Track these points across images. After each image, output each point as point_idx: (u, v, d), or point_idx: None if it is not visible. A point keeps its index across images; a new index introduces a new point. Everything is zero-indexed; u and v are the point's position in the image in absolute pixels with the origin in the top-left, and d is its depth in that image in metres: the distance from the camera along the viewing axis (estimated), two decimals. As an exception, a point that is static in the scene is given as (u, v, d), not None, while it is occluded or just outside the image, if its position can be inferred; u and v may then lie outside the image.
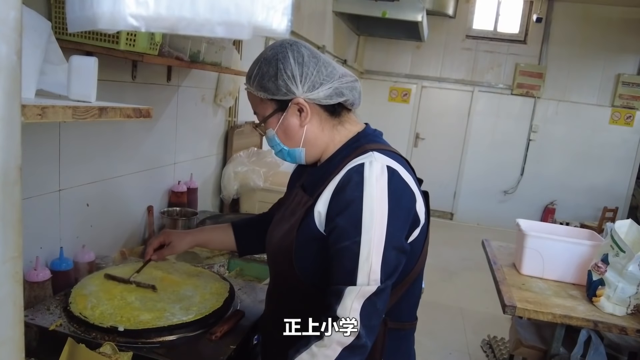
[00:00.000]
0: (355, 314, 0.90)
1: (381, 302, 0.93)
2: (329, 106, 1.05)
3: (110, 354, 1.03)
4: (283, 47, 1.02)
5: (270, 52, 1.03)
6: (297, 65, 1.01)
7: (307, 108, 1.03)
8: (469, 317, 3.71)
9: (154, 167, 1.92)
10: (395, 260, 0.94)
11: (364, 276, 0.90)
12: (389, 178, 0.94)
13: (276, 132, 1.06)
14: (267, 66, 1.01)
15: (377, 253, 0.91)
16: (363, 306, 0.90)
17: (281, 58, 1.01)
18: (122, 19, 0.72)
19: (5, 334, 0.54)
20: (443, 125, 6.41)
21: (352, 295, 0.90)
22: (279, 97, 1.02)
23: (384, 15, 4.22)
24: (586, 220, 5.92)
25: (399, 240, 0.95)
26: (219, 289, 1.33)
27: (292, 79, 1.01)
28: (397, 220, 0.93)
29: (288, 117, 1.04)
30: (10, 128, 0.52)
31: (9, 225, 0.53)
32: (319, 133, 1.07)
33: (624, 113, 6.09)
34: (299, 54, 1.02)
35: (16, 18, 0.51)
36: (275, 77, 1.00)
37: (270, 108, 1.05)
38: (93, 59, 0.93)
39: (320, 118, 1.06)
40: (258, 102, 1.07)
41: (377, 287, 0.90)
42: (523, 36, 6.25)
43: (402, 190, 0.97)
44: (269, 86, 1.01)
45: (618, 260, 1.83)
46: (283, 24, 0.88)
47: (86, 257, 1.43)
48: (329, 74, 1.03)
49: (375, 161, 0.96)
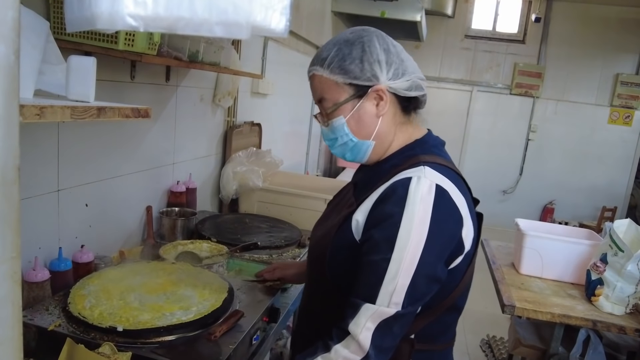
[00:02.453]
0: (368, 334, 0.85)
1: (398, 327, 0.87)
2: (404, 100, 1.00)
3: (109, 354, 1.03)
4: (367, 32, 0.97)
5: (352, 35, 0.97)
6: (382, 51, 0.95)
7: (387, 97, 0.96)
8: (468, 317, 3.71)
9: (153, 167, 1.91)
10: (424, 288, 0.88)
11: (385, 296, 0.85)
12: (435, 199, 0.88)
13: (347, 121, 0.98)
14: (350, 48, 0.95)
15: (405, 276, 0.85)
16: (378, 327, 0.85)
17: (367, 41, 0.95)
18: (120, 18, 0.72)
19: (4, 334, 0.54)
20: (442, 124, 6.39)
21: (368, 313, 0.86)
22: (360, 81, 0.95)
23: (382, 15, 4.22)
24: (585, 219, 5.93)
25: (433, 268, 0.88)
26: (218, 289, 1.33)
27: (378, 64, 0.94)
28: (435, 246, 0.87)
29: (365, 105, 0.97)
30: (8, 128, 0.52)
31: (7, 226, 0.53)
32: (390, 128, 1.00)
33: (622, 113, 6.10)
34: (383, 40, 0.97)
35: (14, 18, 0.51)
36: (360, 59, 0.94)
37: (346, 93, 0.97)
38: (91, 59, 0.93)
39: (395, 112, 1.00)
40: (330, 87, 0.97)
41: (396, 311, 0.85)
42: (522, 36, 6.25)
43: (449, 214, 0.90)
44: (351, 69, 0.94)
45: (617, 259, 1.83)
46: (281, 23, 0.88)
47: (85, 258, 1.43)
48: (408, 66, 0.98)
49: (425, 177, 0.90)
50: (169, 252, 1.66)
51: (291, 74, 3.55)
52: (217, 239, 1.82)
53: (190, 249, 1.71)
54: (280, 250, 1.84)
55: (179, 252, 1.68)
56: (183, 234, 1.89)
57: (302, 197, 2.24)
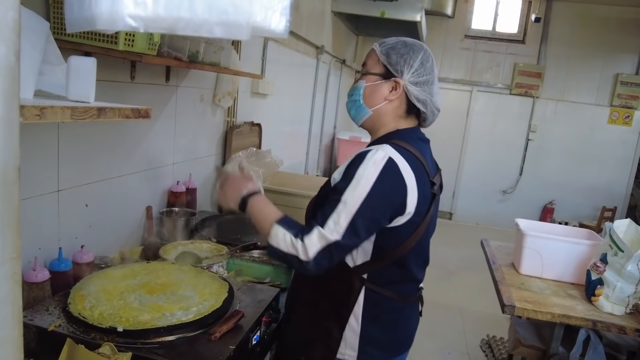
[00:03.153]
0: (314, 249, 1.11)
1: (336, 254, 1.13)
2: (411, 104, 1.27)
3: (110, 354, 1.03)
4: (422, 46, 1.27)
5: (412, 41, 1.28)
6: (419, 62, 1.24)
7: (400, 91, 1.25)
8: (468, 317, 3.72)
9: (153, 167, 1.91)
10: (361, 228, 1.13)
11: (332, 224, 1.11)
12: (384, 165, 1.14)
13: (365, 87, 1.28)
14: (403, 46, 1.25)
15: (348, 213, 1.12)
16: (322, 248, 1.11)
17: (415, 50, 1.25)
18: (120, 19, 0.72)
19: (4, 335, 0.54)
20: (442, 125, 6.34)
21: (320, 234, 1.11)
22: (391, 68, 1.25)
23: (382, 15, 4.23)
24: (585, 219, 5.93)
25: (370, 214, 1.13)
26: (218, 289, 1.33)
27: (409, 66, 1.24)
28: (374, 199, 1.12)
29: (383, 85, 1.27)
30: (8, 128, 0.52)
31: (7, 226, 0.53)
32: (388, 113, 1.28)
33: (622, 113, 6.10)
34: (426, 58, 1.26)
35: (14, 19, 0.51)
36: (401, 55, 1.24)
37: (378, 69, 1.27)
38: (92, 60, 0.93)
39: (399, 105, 1.28)
40: (374, 59, 1.29)
41: (336, 239, 1.11)
42: (522, 36, 6.25)
43: (392, 179, 1.15)
44: (392, 56, 1.25)
45: (617, 259, 1.83)
46: (281, 24, 0.88)
47: (85, 258, 1.43)
48: (431, 88, 1.27)
49: (382, 151, 1.16)
50: (169, 252, 1.66)
51: (291, 74, 3.55)
52: (217, 239, 1.82)
53: (190, 249, 1.71)
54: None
55: (179, 253, 1.68)
56: (183, 234, 1.89)
57: (302, 197, 2.23)
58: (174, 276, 1.38)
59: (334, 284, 1.26)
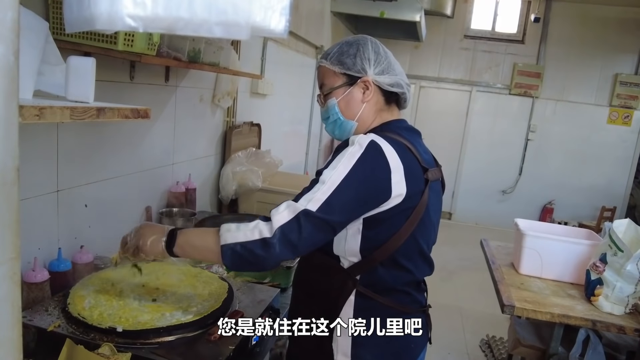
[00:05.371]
0: (280, 218, 1.03)
1: (305, 228, 1.04)
2: (387, 93, 1.24)
3: (109, 354, 1.03)
4: (364, 37, 1.24)
5: (352, 38, 1.25)
6: (373, 52, 1.22)
7: (372, 88, 1.22)
8: (468, 317, 3.72)
9: (152, 167, 1.91)
10: (337, 208, 1.06)
11: (305, 200, 1.05)
12: (367, 147, 1.10)
13: (338, 102, 1.23)
14: (348, 47, 1.22)
15: (325, 191, 1.06)
16: (290, 220, 1.03)
17: (362, 43, 1.22)
18: (119, 19, 0.72)
19: (4, 335, 0.54)
20: (441, 125, 6.41)
21: (289, 205, 1.06)
22: (352, 72, 1.21)
23: (382, 15, 4.23)
24: (584, 219, 5.93)
25: (349, 195, 1.08)
26: (218, 289, 1.33)
27: (367, 61, 1.21)
28: (355, 178, 1.07)
29: (353, 91, 1.22)
30: (7, 129, 0.52)
31: (6, 227, 0.53)
32: (371, 113, 1.25)
33: (621, 113, 6.11)
34: (376, 45, 1.23)
35: (13, 18, 0.51)
36: (354, 55, 1.21)
37: (340, 80, 1.23)
38: (91, 60, 0.93)
39: (377, 100, 1.24)
40: (330, 75, 1.24)
41: (306, 208, 1.03)
42: (521, 36, 6.25)
43: (375, 161, 1.10)
44: (346, 61, 1.21)
45: (616, 259, 1.84)
46: (281, 24, 0.88)
47: (84, 258, 1.43)
48: (394, 69, 1.24)
49: (366, 136, 1.13)
50: (168, 252, 1.66)
51: (291, 74, 3.55)
52: (217, 239, 1.81)
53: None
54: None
55: (178, 253, 1.67)
56: (182, 234, 1.89)
57: (302, 197, 2.23)
58: (174, 276, 1.38)
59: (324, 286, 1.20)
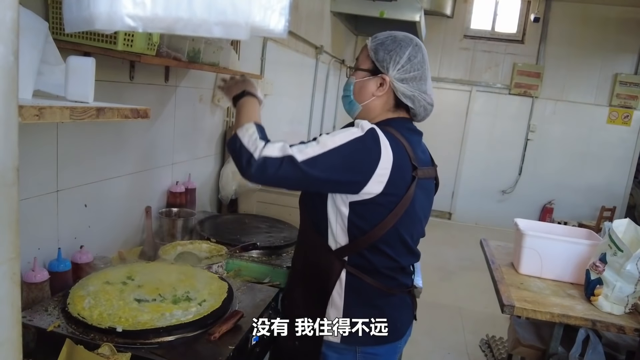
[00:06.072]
0: (268, 152, 1.11)
1: (283, 171, 1.12)
2: (398, 100, 1.29)
3: (109, 354, 1.03)
4: (412, 41, 1.28)
5: (402, 36, 1.29)
6: (407, 58, 1.26)
7: (387, 87, 1.28)
8: (468, 317, 3.72)
9: (152, 167, 1.91)
10: (320, 166, 1.13)
11: (297, 149, 1.13)
12: (367, 131, 1.17)
13: (355, 83, 1.33)
14: (391, 41, 1.27)
15: (317, 150, 1.14)
16: (277, 158, 1.11)
17: (404, 45, 1.27)
18: (119, 19, 0.72)
19: (4, 335, 0.54)
20: (441, 124, 6.40)
21: (283, 146, 1.13)
22: (377, 64, 1.28)
23: (381, 15, 4.22)
24: (584, 219, 5.94)
25: (336, 161, 1.15)
26: (218, 289, 1.33)
27: (394, 63, 1.26)
28: (348, 150, 1.15)
29: (371, 81, 1.30)
30: (7, 129, 0.52)
31: (6, 227, 0.53)
32: (378, 109, 1.32)
33: (621, 112, 6.11)
34: (415, 54, 1.27)
35: (13, 18, 0.51)
36: (389, 52, 1.26)
37: (367, 65, 1.31)
38: (90, 60, 0.93)
39: (387, 100, 1.31)
40: (364, 55, 1.32)
41: (294, 155, 1.11)
42: (521, 36, 6.26)
43: (371, 143, 1.17)
44: (379, 52, 1.27)
45: (616, 259, 1.84)
46: (280, 24, 0.88)
47: (84, 258, 1.43)
48: (420, 86, 1.28)
49: (369, 124, 1.20)
50: (168, 252, 1.66)
51: (290, 74, 3.55)
52: (217, 239, 1.82)
53: (189, 250, 1.71)
54: (280, 250, 1.84)
55: (178, 253, 1.67)
56: (182, 234, 1.89)
57: (302, 197, 2.23)
58: (173, 276, 1.37)
59: (318, 265, 1.29)
